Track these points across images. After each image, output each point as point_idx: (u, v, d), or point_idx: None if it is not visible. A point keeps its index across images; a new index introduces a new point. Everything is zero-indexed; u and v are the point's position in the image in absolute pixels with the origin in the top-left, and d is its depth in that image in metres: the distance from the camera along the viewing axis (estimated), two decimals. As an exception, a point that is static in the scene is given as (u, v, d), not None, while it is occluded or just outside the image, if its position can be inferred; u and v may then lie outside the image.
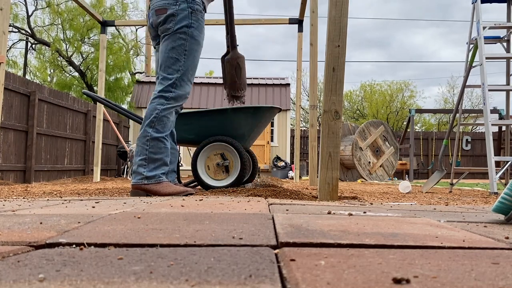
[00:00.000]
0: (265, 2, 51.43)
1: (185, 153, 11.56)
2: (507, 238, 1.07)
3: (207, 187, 3.58)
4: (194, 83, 13.97)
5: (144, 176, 2.74)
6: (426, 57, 48.16)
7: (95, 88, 14.45)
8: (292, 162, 13.64)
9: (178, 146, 3.56)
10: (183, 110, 3.47)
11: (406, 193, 4.47)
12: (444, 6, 51.80)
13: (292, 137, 14.95)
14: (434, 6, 52.00)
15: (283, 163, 12.87)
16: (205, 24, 3.06)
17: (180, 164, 4.66)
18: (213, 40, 44.12)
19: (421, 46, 51.32)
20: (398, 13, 51.36)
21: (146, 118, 2.82)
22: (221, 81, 14.55)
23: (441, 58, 50.24)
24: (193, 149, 4.19)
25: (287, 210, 1.62)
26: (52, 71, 17.29)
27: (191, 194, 2.79)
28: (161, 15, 2.88)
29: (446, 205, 2.60)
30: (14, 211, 1.54)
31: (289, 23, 7.35)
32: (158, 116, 2.79)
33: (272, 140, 13.87)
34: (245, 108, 3.72)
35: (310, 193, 3.32)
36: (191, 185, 3.93)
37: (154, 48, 3.21)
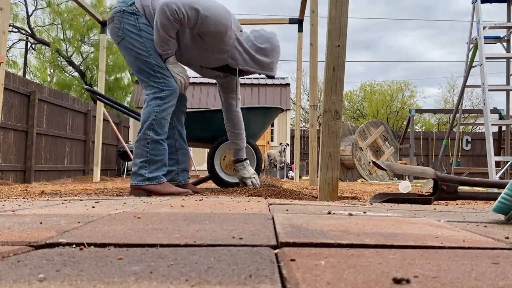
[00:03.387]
0: (254, 4, 51.62)
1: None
2: (507, 238, 1.07)
3: (220, 182, 3.70)
4: (194, 83, 14.00)
5: (145, 178, 2.78)
6: (415, 59, 48.33)
7: (94, 88, 14.44)
8: (292, 162, 13.64)
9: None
10: (189, 110, 3.56)
11: (406, 193, 4.47)
12: (427, 9, 52.11)
13: (292, 137, 14.94)
14: (418, 9, 52.36)
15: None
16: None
17: None
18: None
19: (409, 48, 51.61)
20: (383, 16, 51.60)
21: (144, 122, 2.85)
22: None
23: (430, 59, 50.39)
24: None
25: (287, 210, 1.62)
26: (52, 71, 17.28)
27: (191, 194, 2.83)
28: None
29: (446, 205, 2.60)
30: (14, 211, 1.54)
31: (289, 23, 7.35)
32: (157, 118, 2.82)
33: (272, 140, 13.88)
34: (258, 108, 3.88)
35: (310, 193, 3.32)
36: (198, 185, 4.02)
37: None
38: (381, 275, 0.65)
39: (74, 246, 0.88)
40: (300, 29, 7.40)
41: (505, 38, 6.13)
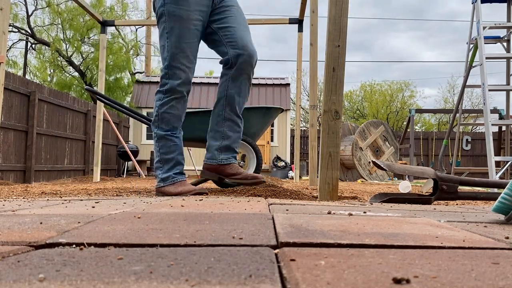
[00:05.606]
0: (248, 5, 51.79)
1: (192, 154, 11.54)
2: (507, 238, 1.07)
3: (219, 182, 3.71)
4: (194, 83, 13.99)
5: (160, 179, 2.73)
6: (408, 60, 48.43)
7: (95, 88, 14.45)
8: (292, 162, 13.64)
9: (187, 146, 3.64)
10: (190, 110, 3.56)
11: (406, 193, 4.47)
12: (418, 11, 52.32)
13: (292, 137, 14.94)
14: (408, 11, 52.63)
15: (283, 163, 12.87)
16: None
17: None
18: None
19: (401, 50, 51.79)
20: (374, 19, 51.82)
21: (153, 117, 2.80)
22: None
23: (424, 60, 50.44)
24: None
25: (287, 210, 1.62)
26: (52, 71, 17.29)
27: (201, 193, 2.67)
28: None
29: (446, 205, 2.60)
30: (14, 211, 1.54)
31: (289, 23, 7.35)
32: (159, 114, 2.72)
33: (272, 140, 13.88)
34: (258, 108, 3.88)
35: (310, 193, 3.32)
36: (199, 185, 4.01)
37: None
38: (381, 275, 0.65)
39: (74, 246, 0.88)
40: (300, 29, 7.40)
41: (505, 38, 6.14)
